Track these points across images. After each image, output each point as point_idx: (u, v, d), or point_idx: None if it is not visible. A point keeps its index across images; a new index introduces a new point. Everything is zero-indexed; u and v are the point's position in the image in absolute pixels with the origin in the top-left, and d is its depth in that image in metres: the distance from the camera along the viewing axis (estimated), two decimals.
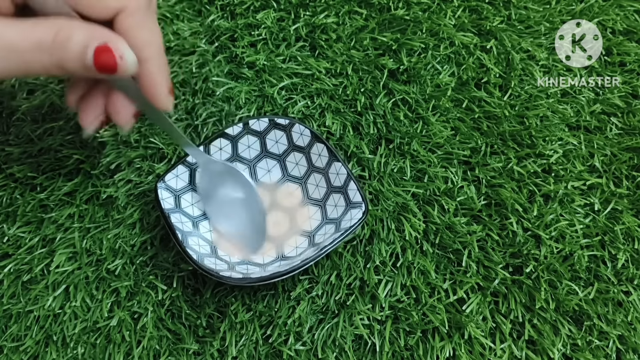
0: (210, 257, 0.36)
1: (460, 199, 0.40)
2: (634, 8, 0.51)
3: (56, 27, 0.26)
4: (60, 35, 0.26)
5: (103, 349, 0.36)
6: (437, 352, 0.35)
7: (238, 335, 0.36)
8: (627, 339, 0.36)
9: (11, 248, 0.39)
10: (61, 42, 0.26)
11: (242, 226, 0.38)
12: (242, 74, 0.46)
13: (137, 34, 0.28)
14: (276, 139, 0.40)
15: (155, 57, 0.29)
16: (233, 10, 0.50)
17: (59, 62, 0.27)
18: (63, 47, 0.26)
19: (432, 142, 0.43)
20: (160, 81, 0.30)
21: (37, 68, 0.27)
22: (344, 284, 0.37)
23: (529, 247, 0.38)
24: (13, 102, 0.44)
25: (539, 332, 0.36)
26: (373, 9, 0.50)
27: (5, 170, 0.41)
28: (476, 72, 0.47)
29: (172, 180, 0.38)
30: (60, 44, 0.26)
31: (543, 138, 0.43)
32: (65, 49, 0.26)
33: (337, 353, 0.35)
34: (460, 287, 0.37)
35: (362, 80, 0.46)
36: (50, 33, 0.26)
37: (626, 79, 0.47)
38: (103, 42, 0.27)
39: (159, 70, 0.30)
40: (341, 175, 0.38)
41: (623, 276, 0.38)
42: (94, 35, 0.27)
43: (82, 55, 0.27)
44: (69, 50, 0.26)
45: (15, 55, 0.26)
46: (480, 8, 0.50)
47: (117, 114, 0.32)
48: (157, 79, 0.30)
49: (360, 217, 0.35)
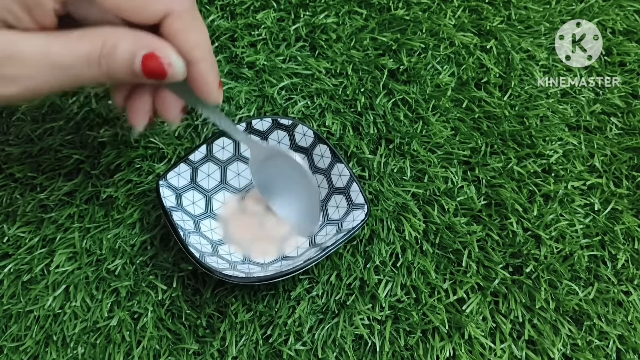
0: (212, 256, 0.36)
1: (460, 199, 0.40)
2: (634, 8, 0.52)
3: (102, 38, 0.26)
4: (106, 46, 0.26)
5: (103, 349, 0.36)
6: (437, 352, 0.35)
7: (238, 335, 0.36)
8: (627, 339, 0.36)
9: (11, 248, 0.38)
10: (108, 53, 0.26)
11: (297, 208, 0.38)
12: (242, 74, 0.46)
13: (185, 36, 0.28)
14: (279, 139, 0.40)
15: (205, 57, 0.29)
16: (233, 10, 0.50)
17: (108, 72, 0.27)
18: (110, 58, 0.26)
19: (432, 142, 0.43)
20: (212, 79, 0.30)
21: (87, 80, 0.27)
22: (344, 284, 0.37)
23: (529, 247, 0.38)
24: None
25: (539, 332, 0.36)
26: (373, 9, 0.50)
27: (5, 170, 0.41)
28: (476, 72, 0.47)
29: (174, 178, 0.38)
30: (107, 55, 0.26)
31: (543, 138, 0.43)
32: (112, 60, 0.26)
33: (337, 353, 0.35)
34: (460, 287, 0.37)
35: (362, 80, 0.46)
36: (97, 45, 0.26)
37: (626, 79, 0.47)
38: (150, 50, 0.27)
39: (210, 69, 0.30)
40: (343, 177, 0.38)
41: (623, 276, 0.38)
42: (140, 43, 0.27)
43: (130, 64, 0.27)
44: (116, 61, 0.26)
45: (65, 71, 0.26)
46: (480, 8, 0.50)
47: (166, 110, 0.32)
48: (208, 78, 0.30)
49: (363, 218, 0.35)
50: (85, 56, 0.26)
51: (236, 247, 0.38)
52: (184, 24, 0.28)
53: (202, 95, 0.31)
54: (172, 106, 0.32)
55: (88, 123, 0.43)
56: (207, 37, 0.30)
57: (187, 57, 0.28)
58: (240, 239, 0.39)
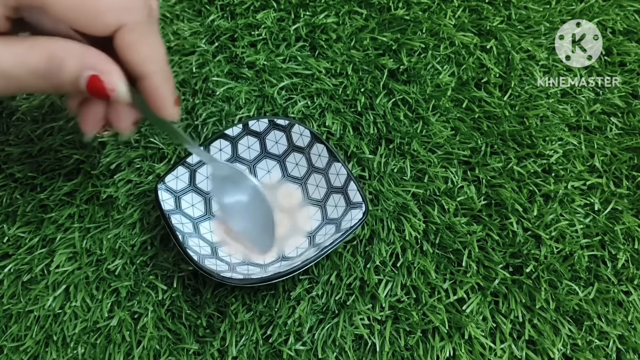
0: (211, 258, 0.36)
1: (460, 199, 0.40)
2: (634, 8, 0.51)
3: (49, 52, 0.26)
4: (53, 62, 0.26)
5: (103, 349, 0.36)
6: (437, 352, 0.35)
7: (238, 335, 0.36)
8: (627, 339, 0.36)
9: (11, 248, 0.39)
10: (54, 69, 0.26)
11: (251, 227, 0.38)
12: (242, 74, 0.46)
13: (138, 49, 0.28)
14: (276, 139, 0.40)
15: (158, 71, 0.29)
16: (233, 10, 0.50)
17: (54, 86, 0.27)
18: (56, 74, 0.27)
19: (432, 142, 0.43)
20: (164, 94, 0.30)
21: (35, 89, 0.27)
22: (344, 284, 0.37)
23: (529, 247, 0.38)
24: (13, 102, 0.44)
25: (539, 332, 0.36)
26: (373, 9, 0.50)
27: (5, 170, 0.41)
28: (476, 72, 0.47)
29: (172, 181, 0.38)
30: (53, 71, 0.26)
31: (543, 138, 0.43)
32: (58, 77, 0.27)
33: (337, 353, 0.35)
34: (460, 287, 0.37)
35: (362, 80, 0.46)
36: (43, 59, 0.26)
37: (626, 79, 0.47)
38: (95, 72, 0.27)
39: (163, 84, 0.30)
40: (341, 176, 0.38)
41: (623, 276, 0.38)
42: (86, 63, 0.27)
43: (76, 82, 0.27)
44: (62, 78, 0.27)
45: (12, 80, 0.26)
46: (480, 8, 0.50)
47: (118, 120, 0.32)
48: (161, 92, 0.30)
49: (361, 217, 0.35)
50: (33, 70, 0.26)
51: (235, 249, 0.38)
52: (137, 37, 0.28)
53: (156, 110, 0.30)
54: (125, 117, 0.32)
55: None
56: (161, 50, 0.30)
57: (138, 71, 0.28)
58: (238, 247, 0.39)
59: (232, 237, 0.39)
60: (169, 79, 0.30)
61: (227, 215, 0.39)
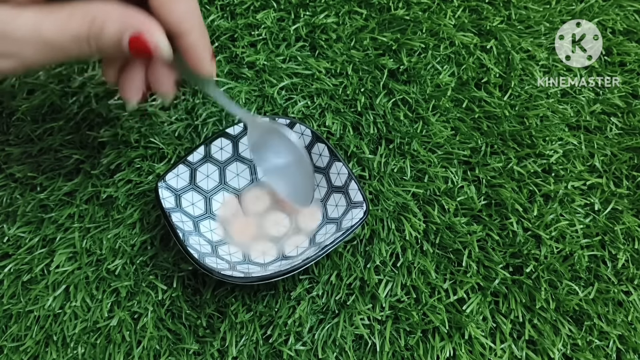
0: (211, 257, 0.36)
1: (460, 199, 0.40)
2: (634, 8, 0.52)
3: (90, 16, 0.26)
4: (95, 25, 0.26)
5: (103, 349, 0.36)
6: (437, 352, 0.35)
7: (238, 336, 0.36)
8: (628, 339, 0.36)
9: (11, 248, 0.38)
10: (96, 33, 0.26)
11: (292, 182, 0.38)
12: (242, 74, 0.46)
13: (173, 6, 0.28)
14: None
15: (194, 28, 0.29)
16: (233, 10, 0.50)
17: (97, 50, 0.27)
18: (99, 38, 0.27)
19: (432, 142, 0.43)
20: (202, 51, 0.30)
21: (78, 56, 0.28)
22: (344, 284, 0.37)
23: (529, 247, 0.38)
24: (13, 102, 0.44)
25: (539, 332, 0.36)
26: (373, 9, 0.50)
27: (5, 170, 0.41)
28: (476, 72, 0.47)
29: (173, 179, 0.38)
30: (96, 35, 0.27)
31: (543, 138, 0.43)
32: (101, 40, 0.27)
33: (337, 353, 0.35)
34: (461, 287, 0.37)
35: (362, 80, 0.46)
36: (85, 24, 0.26)
37: (626, 79, 0.47)
38: (136, 31, 0.27)
39: (200, 40, 0.30)
40: (342, 175, 0.38)
41: (623, 276, 0.38)
42: (127, 23, 0.27)
43: (118, 44, 0.27)
44: (104, 41, 0.27)
45: (56, 48, 0.27)
46: (480, 8, 0.50)
47: (159, 83, 0.32)
48: (199, 49, 0.30)
49: (362, 216, 0.35)
50: (75, 36, 0.26)
51: (236, 247, 0.38)
52: None
53: (194, 67, 0.30)
54: (165, 79, 0.32)
55: (88, 123, 0.43)
56: (196, 6, 0.29)
57: (175, 29, 0.28)
58: (240, 239, 0.39)
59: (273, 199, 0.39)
60: (204, 36, 0.30)
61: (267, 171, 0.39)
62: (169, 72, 0.32)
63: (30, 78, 0.45)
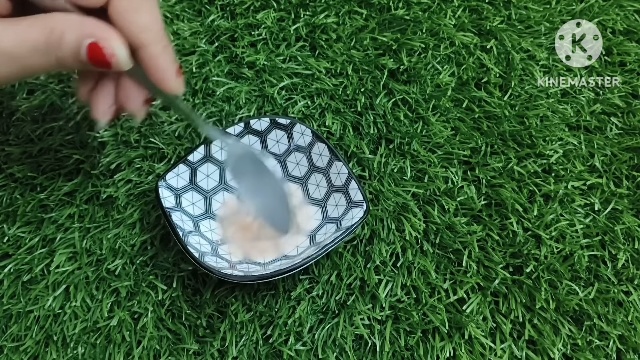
0: (211, 256, 0.36)
1: (460, 199, 0.40)
2: (634, 8, 0.52)
3: (49, 27, 0.26)
4: (52, 35, 0.26)
5: (103, 349, 0.36)
6: (437, 352, 0.35)
7: (238, 336, 0.36)
8: (628, 339, 0.36)
9: (11, 248, 0.38)
10: (54, 42, 0.26)
11: (270, 207, 0.37)
12: (242, 74, 0.46)
13: (132, 17, 0.27)
14: (277, 138, 0.40)
15: (155, 41, 0.28)
16: (233, 10, 0.50)
17: (57, 61, 0.27)
18: (57, 47, 0.26)
19: (432, 142, 0.43)
20: (164, 64, 0.29)
21: (38, 69, 0.27)
22: (344, 284, 0.37)
23: (529, 247, 0.38)
24: (13, 102, 0.44)
25: (539, 332, 0.36)
26: (373, 9, 0.50)
27: (5, 170, 0.41)
28: (476, 72, 0.47)
29: (173, 179, 0.38)
30: (54, 44, 0.26)
31: (543, 138, 0.43)
32: (59, 49, 0.26)
33: (337, 353, 0.35)
34: (461, 287, 0.37)
35: (362, 80, 0.46)
36: (44, 34, 0.26)
37: (626, 79, 0.47)
38: (94, 39, 0.26)
39: (162, 54, 0.29)
40: (342, 175, 0.38)
41: (623, 276, 0.38)
42: (85, 32, 0.26)
43: (77, 53, 0.26)
44: (63, 50, 0.26)
45: (16, 60, 0.26)
46: (480, 8, 0.50)
47: (129, 101, 0.31)
48: (160, 63, 0.29)
49: (362, 216, 0.35)
50: (33, 46, 0.26)
51: (236, 247, 0.38)
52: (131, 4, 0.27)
53: (157, 82, 0.29)
54: (135, 97, 0.31)
55: (88, 123, 0.43)
56: (158, 18, 0.29)
57: (135, 40, 0.27)
58: (240, 238, 0.39)
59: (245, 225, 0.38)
60: (167, 49, 0.29)
61: (245, 198, 0.38)
62: (138, 89, 0.31)
63: (30, 78, 0.45)
